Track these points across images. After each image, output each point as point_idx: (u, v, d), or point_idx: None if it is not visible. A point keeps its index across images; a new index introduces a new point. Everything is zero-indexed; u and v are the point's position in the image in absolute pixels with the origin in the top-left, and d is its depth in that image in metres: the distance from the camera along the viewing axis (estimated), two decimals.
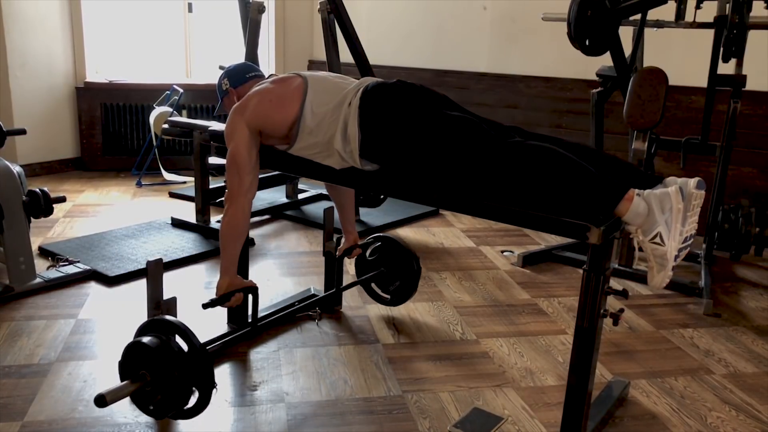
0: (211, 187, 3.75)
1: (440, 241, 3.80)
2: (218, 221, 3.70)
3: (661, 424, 2.08)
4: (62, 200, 3.02)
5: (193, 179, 3.82)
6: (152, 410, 1.89)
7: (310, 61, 5.77)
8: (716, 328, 2.81)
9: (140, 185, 4.73)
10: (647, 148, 3.10)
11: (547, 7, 3.52)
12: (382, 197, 4.05)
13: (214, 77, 2.48)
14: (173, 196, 4.51)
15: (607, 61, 3.30)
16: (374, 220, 4.02)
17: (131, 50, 5.29)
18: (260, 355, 2.39)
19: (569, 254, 3.50)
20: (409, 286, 2.73)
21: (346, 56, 3.85)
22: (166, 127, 4.00)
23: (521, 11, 4.58)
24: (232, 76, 2.34)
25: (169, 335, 1.85)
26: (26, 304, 2.72)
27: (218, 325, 2.48)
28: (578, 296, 1.69)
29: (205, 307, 2.04)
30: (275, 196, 4.39)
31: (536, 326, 2.74)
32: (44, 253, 3.28)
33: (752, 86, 3.30)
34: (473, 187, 1.79)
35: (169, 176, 4.86)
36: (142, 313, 2.02)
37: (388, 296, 2.79)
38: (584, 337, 1.69)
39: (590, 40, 3.00)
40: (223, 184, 3.79)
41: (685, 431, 2.05)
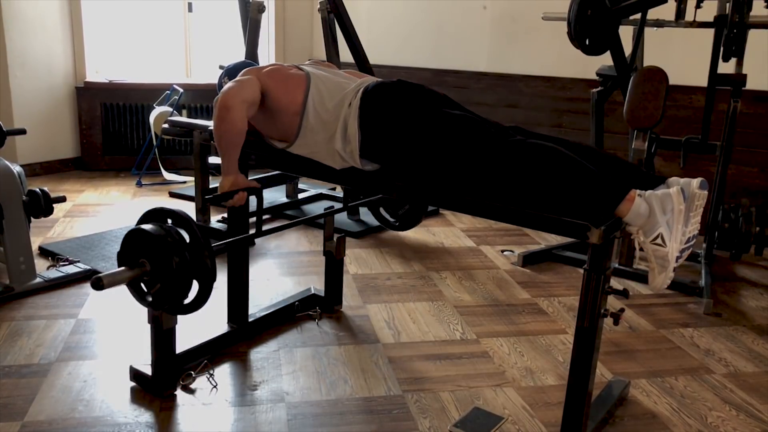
0: (211, 186, 3.75)
1: (440, 240, 3.80)
2: (219, 221, 3.71)
3: (661, 423, 2.08)
4: (62, 200, 3.02)
5: (193, 179, 3.81)
6: (150, 301, 1.85)
7: (309, 60, 5.76)
8: (716, 327, 2.81)
9: (140, 185, 4.73)
10: (647, 147, 3.10)
11: (547, 6, 3.52)
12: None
13: (214, 77, 2.49)
14: (173, 195, 4.51)
15: (607, 60, 3.30)
16: (374, 219, 4.00)
17: (131, 50, 5.29)
18: (260, 354, 2.39)
19: (569, 254, 3.50)
20: (417, 211, 2.66)
21: (346, 55, 3.84)
22: (166, 126, 3.99)
23: (521, 11, 4.58)
24: (232, 73, 2.35)
25: (170, 224, 1.81)
26: (26, 303, 2.72)
27: (218, 324, 2.48)
28: (578, 296, 1.69)
29: (208, 201, 2.00)
30: (275, 195, 4.39)
31: (536, 326, 2.74)
32: (44, 252, 3.28)
33: (752, 85, 3.30)
34: (474, 186, 1.79)
35: (169, 176, 4.86)
36: (141, 311, 2.02)
37: (395, 221, 2.72)
38: (585, 336, 1.69)
39: (590, 39, 3.00)
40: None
41: (685, 431, 2.05)
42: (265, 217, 4.11)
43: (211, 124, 3.73)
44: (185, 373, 2.18)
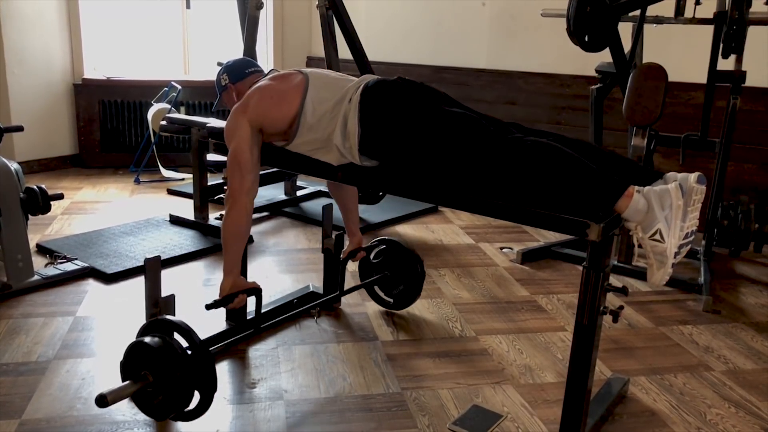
0: (209, 184, 3.74)
1: (439, 238, 3.79)
2: (217, 218, 3.71)
3: (660, 420, 2.08)
4: (60, 197, 3.01)
5: (191, 176, 3.81)
6: (154, 411, 1.89)
7: (308, 57, 5.76)
8: (716, 324, 2.80)
9: (138, 182, 4.72)
10: (646, 144, 3.10)
11: (546, 3, 3.51)
12: (380, 194, 4.04)
13: (212, 73, 2.47)
14: (171, 193, 4.51)
15: (606, 57, 3.29)
16: (373, 216, 4.01)
17: (129, 47, 5.28)
18: (259, 352, 2.39)
19: (568, 251, 3.50)
20: (412, 290, 2.71)
21: (344, 53, 3.83)
22: (164, 123, 3.99)
23: (520, 7, 4.57)
24: (231, 71, 2.33)
25: (171, 335, 1.84)
26: (24, 301, 2.72)
27: (217, 323, 2.48)
28: (577, 293, 1.69)
29: (208, 308, 2.02)
30: (274, 193, 4.38)
31: (535, 323, 2.74)
32: (42, 250, 3.27)
33: (752, 82, 3.29)
34: (473, 183, 1.79)
35: (167, 173, 4.85)
36: (140, 310, 2.01)
37: (391, 300, 2.76)
38: (584, 334, 1.69)
39: (589, 36, 2.99)
40: (221, 180, 3.80)
41: (684, 428, 2.04)
42: (263, 214, 4.10)
43: (209, 120, 3.73)
44: None
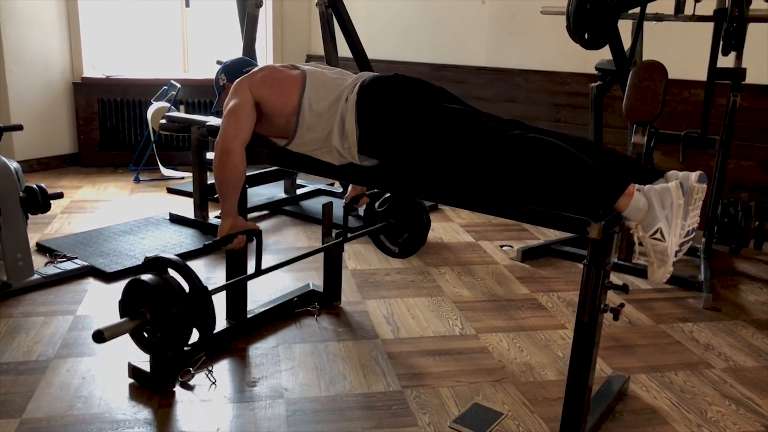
0: (209, 182, 3.74)
1: (439, 236, 3.79)
2: (217, 217, 3.70)
3: (661, 418, 2.08)
4: (60, 196, 3.01)
5: (191, 174, 3.80)
6: (152, 349, 1.88)
7: (307, 55, 5.75)
8: (716, 322, 2.80)
9: (138, 181, 4.72)
10: (647, 141, 3.10)
11: (546, 1, 3.50)
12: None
13: (211, 72, 2.47)
14: (171, 191, 4.50)
15: (606, 54, 3.29)
16: None
17: (128, 45, 5.27)
18: (259, 351, 2.39)
19: (568, 249, 3.49)
20: (417, 238, 2.68)
21: (344, 51, 3.83)
22: (163, 122, 3.98)
23: (520, 5, 4.56)
24: (229, 70, 2.33)
25: (167, 272, 1.83)
26: (24, 300, 2.72)
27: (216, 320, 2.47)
28: (578, 291, 1.68)
29: (207, 247, 2.02)
30: (274, 191, 4.37)
31: (536, 321, 2.74)
32: (42, 249, 3.27)
33: (752, 79, 3.29)
34: (472, 180, 1.78)
35: (166, 172, 4.84)
36: None
37: (396, 249, 2.75)
38: (584, 332, 1.69)
39: (589, 33, 2.98)
40: None
41: (685, 426, 2.04)
42: (263, 213, 4.10)
43: (208, 119, 3.72)
44: (184, 369, 2.18)
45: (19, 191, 2.80)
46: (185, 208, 3.90)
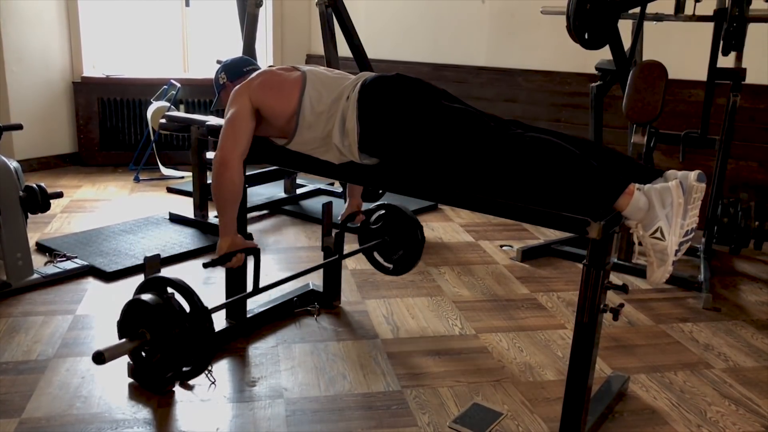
0: (209, 182, 3.73)
1: (439, 235, 3.79)
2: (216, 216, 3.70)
3: (660, 418, 2.08)
4: (59, 196, 3.01)
5: (190, 174, 3.80)
6: (152, 371, 1.87)
7: (307, 55, 5.75)
8: (716, 322, 2.80)
9: (138, 180, 4.72)
10: (646, 141, 3.10)
11: (546, 0, 3.50)
12: (380, 192, 4.03)
13: (211, 72, 2.47)
14: (171, 191, 4.50)
15: (606, 54, 3.29)
16: None
17: (128, 45, 5.27)
18: (259, 350, 2.39)
19: (568, 249, 3.49)
20: (412, 255, 2.68)
21: (344, 51, 3.83)
22: (163, 122, 3.98)
23: (520, 5, 4.56)
24: (229, 70, 2.33)
25: (169, 293, 1.83)
26: (24, 300, 2.71)
27: (216, 320, 2.47)
28: (577, 291, 1.68)
29: (205, 266, 2.01)
30: (273, 191, 4.37)
31: (535, 321, 2.74)
32: (41, 248, 3.27)
33: (752, 80, 3.29)
34: (473, 179, 1.78)
35: (166, 171, 4.84)
36: None
37: (390, 266, 2.75)
38: (584, 332, 1.69)
39: (589, 33, 2.98)
40: None
41: (684, 426, 2.04)
42: (263, 212, 4.10)
43: (208, 118, 3.72)
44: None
45: (18, 190, 2.80)
46: (185, 207, 3.90)
